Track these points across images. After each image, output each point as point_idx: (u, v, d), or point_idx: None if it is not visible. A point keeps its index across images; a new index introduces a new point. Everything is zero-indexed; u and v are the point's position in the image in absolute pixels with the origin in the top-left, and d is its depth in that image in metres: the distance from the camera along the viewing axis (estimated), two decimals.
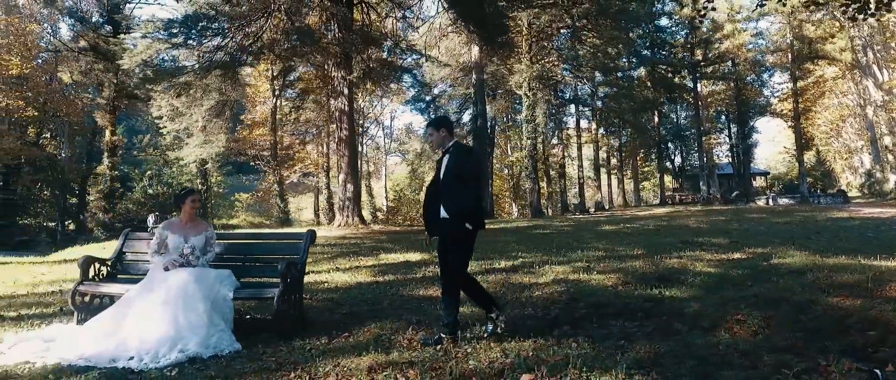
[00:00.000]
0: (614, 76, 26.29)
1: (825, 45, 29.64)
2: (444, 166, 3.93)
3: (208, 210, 32.57)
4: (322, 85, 22.48)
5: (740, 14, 30.59)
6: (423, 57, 18.10)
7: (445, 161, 3.95)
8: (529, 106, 23.43)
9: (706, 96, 35.89)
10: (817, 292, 4.74)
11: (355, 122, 18.92)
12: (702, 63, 31.59)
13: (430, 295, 5.69)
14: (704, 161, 33.76)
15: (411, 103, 34.11)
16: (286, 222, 28.35)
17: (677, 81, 32.91)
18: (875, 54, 32.63)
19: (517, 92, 24.62)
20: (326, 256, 9.31)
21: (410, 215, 40.62)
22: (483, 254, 8.71)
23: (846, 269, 5.85)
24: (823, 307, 4.16)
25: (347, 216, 15.00)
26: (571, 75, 26.25)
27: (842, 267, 5.99)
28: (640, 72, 32.70)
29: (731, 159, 41.80)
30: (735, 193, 36.25)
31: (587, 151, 36.77)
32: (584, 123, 34.72)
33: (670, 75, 32.54)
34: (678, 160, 39.98)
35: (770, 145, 55.36)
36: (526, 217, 28.92)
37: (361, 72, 14.27)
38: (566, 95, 29.30)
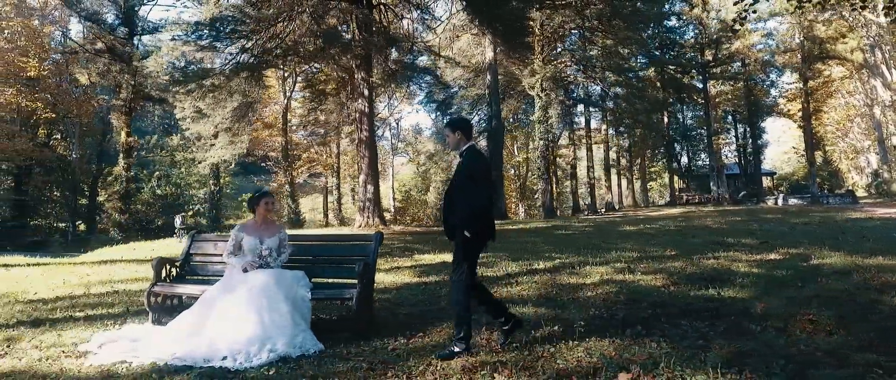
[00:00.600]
0: (626, 77, 26.36)
1: (836, 45, 29.69)
2: (455, 171, 3.89)
3: (219, 211, 32.70)
4: (338, 87, 22.58)
5: (751, 14, 30.60)
6: (440, 57, 18.18)
7: (457, 166, 3.90)
8: (542, 107, 23.50)
9: (714, 96, 35.95)
10: (874, 293, 4.82)
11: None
12: (711, 63, 31.65)
13: None
14: (714, 161, 33.79)
15: (424, 103, 34.18)
16: (298, 223, 28.44)
17: (686, 82, 32.98)
18: (884, 54, 32.70)
19: (530, 93, 24.70)
20: None
21: (418, 216, 40.77)
22: (517, 255, 8.80)
23: (890, 269, 5.95)
24: (889, 307, 4.24)
25: (368, 217, 15.09)
26: (583, 76, 26.32)
27: (886, 268, 6.08)
28: (649, 72, 32.76)
29: (738, 159, 41.94)
30: (742, 193, 36.35)
31: (595, 152, 36.87)
32: (594, 124, 34.83)
33: (679, 75, 32.61)
34: (684, 160, 40.10)
35: (775, 145, 55.49)
36: (534, 217, 29.01)
37: (384, 73, 14.36)
38: (577, 96, 29.38)
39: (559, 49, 27.70)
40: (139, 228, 29.78)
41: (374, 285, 6.63)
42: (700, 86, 33.36)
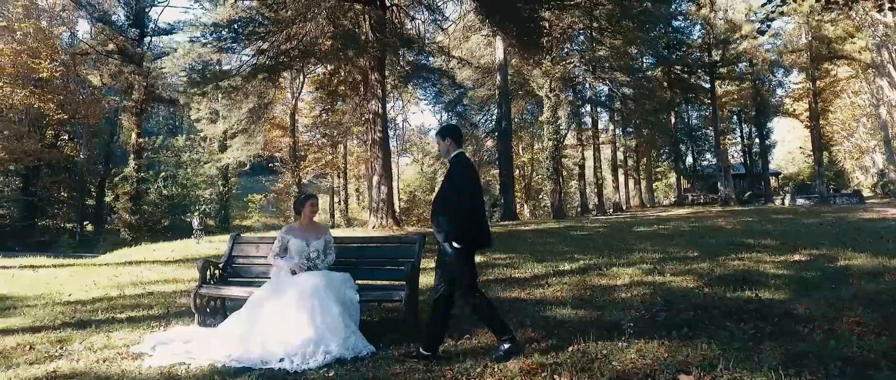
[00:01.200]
0: (635, 77, 26.39)
1: (844, 44, 29.67)
2: (443, 180, 3.84)
3: (227, 212, 32.76)
4: (352, 88, 22.63)
5: (759, 14, 30.63)
6: (451, 58, 18.23)
7: (445, 174, 3.87)
8: (551, 107, 23.53)
9: (721, 96, 35.94)
10: None
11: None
12: (718, 63, 31.64)
13: (518, 296, 5.80)
14: (721, 161, 33.79)
15: (432, 104, 34.21)
16: None
17: (693, 82, 32.98)
18: (891, 53, 32.66)
19: (538, 94, 24.73)
20: None
21: (423, 216, 40.84)
22: (540, 256, 8.83)
23: None
24: None
25: (382, 218, 15.12)
26: (592, 76, 26.36)
27: None
28: (656, 72, 32.78)
29: (744, 159, 41.92)
30: (748, 193, 36.34)
31: (602, 152, 36.87)
32: (601, 124, 34.82)
33: (686, 75, 32.62)
34: (689, 160, 40.09)
35: (780, 145, 55.45)
36: (541, 218, 29.03)
37: (398, 75, 14.41)
38: (585, 96, 29.41)
39: (566, 50, 27.74)
40: (147, 228, 29.90)
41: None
42: (707, 86, 33.35)
